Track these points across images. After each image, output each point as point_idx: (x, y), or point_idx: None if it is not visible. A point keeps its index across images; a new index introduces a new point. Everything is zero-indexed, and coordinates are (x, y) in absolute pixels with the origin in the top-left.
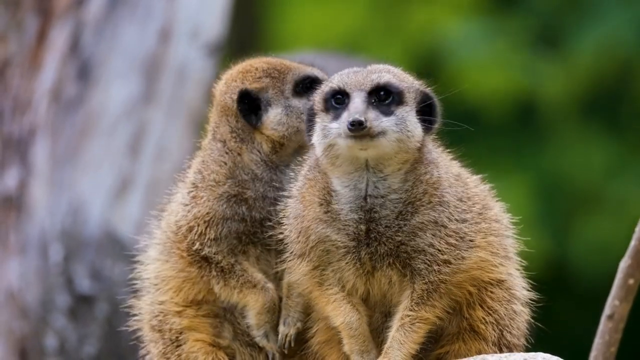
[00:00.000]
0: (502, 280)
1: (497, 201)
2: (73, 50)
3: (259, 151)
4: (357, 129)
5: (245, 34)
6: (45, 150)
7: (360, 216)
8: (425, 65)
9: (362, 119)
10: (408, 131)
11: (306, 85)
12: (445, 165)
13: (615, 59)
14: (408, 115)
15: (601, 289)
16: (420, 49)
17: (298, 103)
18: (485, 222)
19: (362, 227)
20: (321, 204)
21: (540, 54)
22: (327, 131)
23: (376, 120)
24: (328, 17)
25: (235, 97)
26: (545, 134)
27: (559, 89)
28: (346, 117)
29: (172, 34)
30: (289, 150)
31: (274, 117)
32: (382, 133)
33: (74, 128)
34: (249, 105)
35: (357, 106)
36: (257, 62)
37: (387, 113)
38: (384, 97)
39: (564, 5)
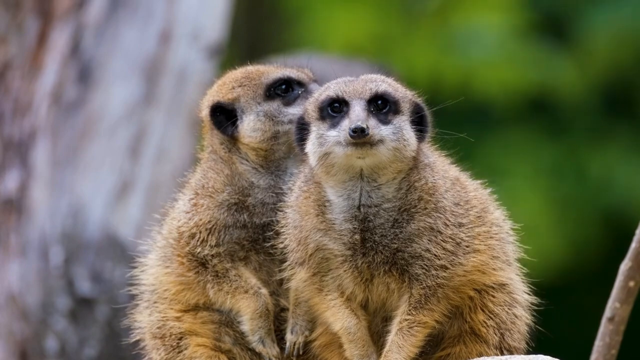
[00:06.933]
0: (504, 284)
1: (498, 206)
2: (73, 52)
3: (247, 160)
4: (359, 136)
5: (253, 36)
6: (45, 152)
7: (355, 226)
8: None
9: (365, 126)
10: (405, 140)
11: (280, 88)
12: (442, 170)
13: (630, 48)
14: (404, 124)
15: (601, 291)
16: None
17: (270, 107)
18: (485, 226)
19: (357, 236)
20: (317, 215)
21: (550, 44)
22: (324, 139)
23: (376, 128)
24: (351, 19)
25: (208, 110)
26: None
27: (572, 79)
28: (347, 124)
29: (173, 36)
30: (278, 155)
31: (247, 125)
32: (381, 141)
33: (75, 130)
34: (227, 117)
35: (358, 114)
36: (233, 73)
37: (385, 122)
38: (381, 105)
39: None
